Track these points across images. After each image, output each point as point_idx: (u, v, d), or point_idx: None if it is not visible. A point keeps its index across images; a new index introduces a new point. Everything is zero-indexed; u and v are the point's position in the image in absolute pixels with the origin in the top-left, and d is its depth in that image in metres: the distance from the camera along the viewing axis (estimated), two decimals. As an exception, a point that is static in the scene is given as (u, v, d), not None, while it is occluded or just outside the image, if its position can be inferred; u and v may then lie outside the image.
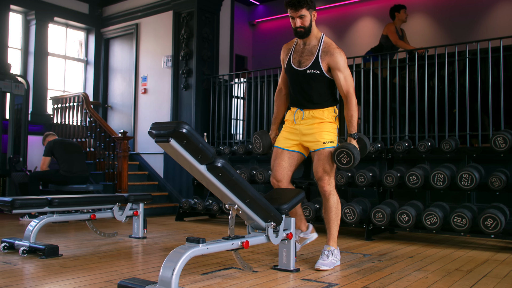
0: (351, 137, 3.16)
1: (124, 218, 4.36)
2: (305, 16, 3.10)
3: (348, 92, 3.16)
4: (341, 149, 3.06)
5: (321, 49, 3.16)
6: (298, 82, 3.24)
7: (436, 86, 5.16)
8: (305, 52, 3.22)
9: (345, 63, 3.16)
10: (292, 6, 3.09)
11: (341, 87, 3.16)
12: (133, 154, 7.76)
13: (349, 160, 3.03)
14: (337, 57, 3.12)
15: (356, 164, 3.06)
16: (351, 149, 3.02)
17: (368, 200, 4.87)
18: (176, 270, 2.31)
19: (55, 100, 7.91)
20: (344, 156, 3.05)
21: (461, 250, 3.98)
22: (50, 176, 5.88)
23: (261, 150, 3.44)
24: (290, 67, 3.26)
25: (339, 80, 3.14)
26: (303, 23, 3.13)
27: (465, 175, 4.13)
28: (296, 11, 3.10)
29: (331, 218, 3.22)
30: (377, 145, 5.01)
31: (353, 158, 3.02)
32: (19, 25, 7.79)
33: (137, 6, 7.97)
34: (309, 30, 3.16)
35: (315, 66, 3.16)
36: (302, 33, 3.16)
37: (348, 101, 3.16)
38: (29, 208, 3.74)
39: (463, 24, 8.24)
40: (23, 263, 3.30)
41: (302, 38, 3.20)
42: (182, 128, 2.25)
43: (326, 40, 3.20)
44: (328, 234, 3.25)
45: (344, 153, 3.05)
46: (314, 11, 3.15)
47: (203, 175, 2.48)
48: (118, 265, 3.24)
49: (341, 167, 3.08)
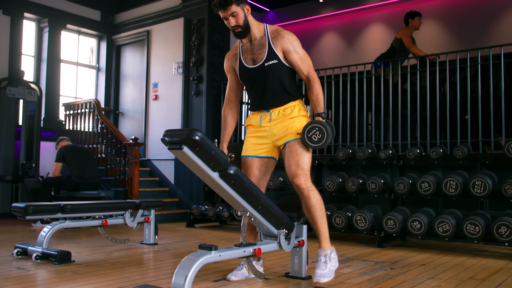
0: (319, 116, 2.88)
1: (135, 225, 4.38)
2: (237, 13, 2.87)
3: (308, 72, 2.94)
4: (312, 125, 2.80)
5: (270, 36, 2.94)
6: (257, 81, 2.97)
7: (447, 92, 5.14)
8: (255, 47, 2.96)
9: (298, 44, 2.94)
10: (220, 6, 2.86)
11: (300, 69, 2.94)
12: (144, 160, 7.79)
13: (322, 137, 2.77)
14: (289, 39, 2.92)
15: (328, 142, 2.80)
16: (323, 124, 2.78)
17: (380, 207, 4.85)
18: (188, 277, 2.31)
19: (67, 106, 7.98)
20: (316, 133, 2.78)
21: (475, 258, 3.94)
22: (62, 182, 5.92)
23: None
24: (244, 68, 2.98)
25: (296, 62, 2.92)
26: (237, 21, 2.89)
27: (478, 182, 4.10)
28: (225, 10, 2.86)
29: (317, 216, 2.91)
30: (388, 152, 4.99)
31: (325, 134, 2.76)
32: (33, 33, 7.88)
33: (148, 13, 8.04)
34: (248, 27, 2.92)
35: (271, 56, 2.91)
36: (241, 32, 2.92)
37: (311, 81, 2.94)
38: (42, 214, 3.76)
39: (475, 30, 8.20)
40: (36, 268, 3.32)
41: (244, 37, 2.96)
42: (195, 136, 2.26)
43: (271, 27, 2.99)
44: (319, 237, 2.96)
45: (316, 128, 2.79)
46: (245, 5, 2.91)
47: (216, 182, 2.49)
48: (130, 272, 3.25)
49: (311, 145, 2.80)
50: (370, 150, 5.09)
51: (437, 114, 5.12)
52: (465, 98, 5.12)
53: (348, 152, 5.20)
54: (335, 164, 5.50)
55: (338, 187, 4.95)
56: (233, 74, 3.10)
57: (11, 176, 6.70)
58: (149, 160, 7.83)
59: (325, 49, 10.16)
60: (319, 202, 2.90)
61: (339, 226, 4.69)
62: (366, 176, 4.96)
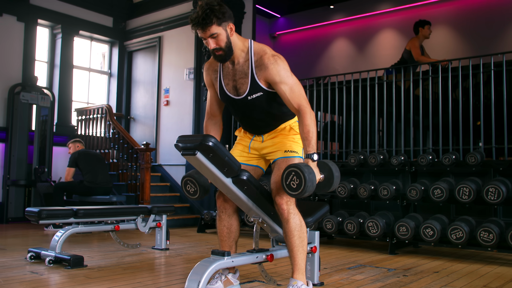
0: (308, 158, 2.43)
1: (147, 230, 4.39)
2: (218, 34, 2.45)
3: (299, 105, 2.49)
4: (290, 169, 2.34)
5: (254, 64, 2.53)
6: (242, 111, 2.66)
7: (460, 98, 5.11)
8: (237, 74, 2.57)
9: (286, 71, 2.50)
10: (198, 25, 2.43)
11: (289, 101, 2.50)
12: (155, 165, 7.82)
13: (300, 183, 2.29)
14: (274, 69, 2.48)
15: (309, 191, 2.30)
16: (301, 169, 2.30)
17: (391, 214, 4.82)
18: (201, 282, 2.32)
19: (79, 111, 8.05)
20: (293, 179, 2.32)
21: (489, 266, 3.90)
22: (74, 186, 5.97)
23: (197, 195, 2.62)
24: (226, 96, 2.63)
25: (284, 94, 2.49)
26: (218, 44, 2.47)
27: (492, 189, 4.06)
28: (204, 31, 2.44)
29: (294, 244, 2.54)
30: (400, 158, 4.97)
31: (303, 182, 2.28)
32: (46, 39, 7.97)
33: (160, 19, 8.10)
34: (230, 49, 2.51)
35: (255, 89, 2.53)
36: (223, 56, 2.51)
37: (302, 115, 2.48)
38: (55, 219, 3.79)
39: (487, 35, 8.16)
40: (49, 273, 3.34)
41: (225, 61, 2.56)
42: (208, 142, 2.27)
43: (256, 49, 2.56)
44: (292, 265, 2.58)
45: (293, 173, 2.32)
46: (229, 23, 2.48)
47: (229, 188, 2.49)
48: (142, 277, 3.26)
49: (291, 194, 2.34)
50: (381, 156, 5.07)
51: (450, 120, 5.09)
52: (478, 104, 5.08)
53: (360, 158, 5.19)
54: (347, 170, 5.49)
55: (350, 193, 4.94)
56: (213, 88, 2.74)
57: (24, 180, 6.77)
58: (160, 165, 7.86)
59: (336, 55, 10.16)
60: (298, 228, 2.55)
61: (351, 233, 4.67)
62: (378, 183, 4.94)
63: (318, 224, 4.87)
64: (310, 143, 2.44)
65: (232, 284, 2.80)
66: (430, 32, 6.28)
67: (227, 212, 2.76)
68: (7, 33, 7.16)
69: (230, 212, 2.77)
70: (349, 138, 6.09)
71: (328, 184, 2.48)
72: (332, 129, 6.33)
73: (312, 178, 2.30)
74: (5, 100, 7.00)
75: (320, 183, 2.47)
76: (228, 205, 2.75)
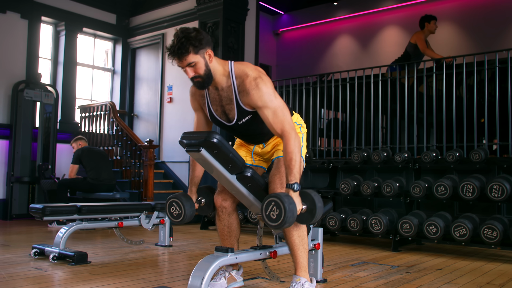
0: (289, 189, 2.34)
1: (150, 226, 4.40)
2: (196, 62, 2.37)
3: (282, 130, 2.39)
4: (269, 199, 2.28)
5: (237, 89, 2.45)
6: (237, 132, 2.67)
7: (464, 95, 5.09)
8: (223, 99, 2.51)
9: (268, 95, 2.39)
10: (174, 55, 2.36)
11: (272, 126, 2.40)
12: (158, 162, 7.83)
13: (279, 214, 2.22)
14: (255, 94, 2.38)
15: (289, 222, 2.23)
16: (282, 199, 2.23)
17: (395, 211, 4.81)
18: (205, 279, 2.32)
19: (83, 109, 8.06)
20: (273, 209, 2.25)
21: (492, 263, 3.89)
22: (78, 183, 5.98)
23: (180, 219, 2.56)
24: (217, 121, 2.59)
25: (267, 119, 2.40)
26: (196, 72, 2.39)
27: (496, 186, 4.05)
28: (181, 61, 2.37)
29: (294, 243, 2.54)
30: (404, 155, 4.96)
31: (283, 213, 2.21)
32: (50, 36, 7.98)
33: (164, 16, 8.09)
34: (210, 76, 2.42)
35: (243, 114, 2.49)
36: (201, 83, 2.43)
37: (285, 140, 2.38)
38: (59, 215, 3.81)
39: (492, 32, 8.13)
40: (53, 269, 3.36)
41: (204, 88, 2.48)
42: (213, 138, 2.27)
43: (237, 72, 2.45)
44: (294, 263, 2.58)
45: (272, 204, 2.25)
46: (207, 50, 2.40)
47: (233, 184, 2.49)
48: (145, 273, 3.27)
49: (271, 225, 2.28)
50: (385, 153, 5.06)
51: (454, 117, 5.07)
52: (482, 101, 5.07)
53: (363, 155, 5.18)
54: (350, 167, 5.48)
55: (353, 190, 4.93)
56: (201, 113, 2.68)
57: (28, 177, 6.79)
58: (163, 162, 7.87)
59: (340, 52, 10.14)
60: (296, 228, 2.53)
61: (354, 230, 4.67)
62: (381, 180, 4.93)
63: (321, 221, 4.87)
64: (292, 172, 2.36)
65: (235, 280, 2.83)
66: (436, 27, 6.24)
67: (226, 212, 2.77)
68: (11, 30, 7.17)
69: (230, 211, 2.78)
70: (352, 135, 6.08)
71: (311, 215, 2.37)
72: (336, 126, 6.32)
73: (293, 209, 2.23)
74: (9, 97, 7.01)
75: (302, 214, 2.39)
76: (227, 204, 2.76)
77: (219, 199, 2.76)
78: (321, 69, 9.76)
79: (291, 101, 6.39)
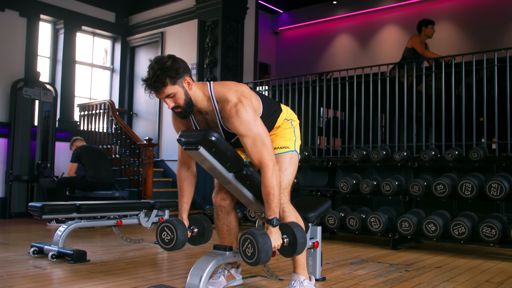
0: (268, 224, 2.30)
1: (149, 225, 4.40)
2: (175, 93, 2.28)
3: (260, 160, 2.31)
4: (245, 236, 2.23)
5: (220, 114, 2.38)
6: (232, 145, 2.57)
7: (463, 94, 5.09)
8: (210, 122, 2.45)
9: (248, 123, 2.29)
10: (151, 88, 2.30)
11: (250, 155, 2.33)
12: (157, 161, 7.83)
13: (253, 253, 2.18)
14: (235, 122, 2.30)
15: (263, 261, 2.19)
16: (256, 238, 2.18)
17: (394, 209, 4.82)
18: (203, 277, 2.32)
19: (82, 107, 8.06)
20: (248, 246, 2.21)
21: (491, 261, 3.90)
22: (77, 182, 5.98)
23: (171, 245, 2.42)
24: None
25: (246, 147, 2.33)
26: (176, 102, 2.31)
27: (494, 184, 4.05)
28: (158, 93, 2.30)
29: None
30: (403, 154, 4.96)
31: (256, 252, 2.17)
32: (48, 34, 7.97)
33: (163, 14, 8.09)
34: (190, 105, 2.34)
35: (230, 135, 2.46)
36: (183, 113, 2.35)
37: (263, 173, 2.31)
38: (58, 214, 3.80)
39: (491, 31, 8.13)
40: (52, 267, 3.35)
41: (186, 117, 2.40)
42: (211, 136, 2.27)
43: (217, 96, 2.36)
44: (293, 262, 2.61)
45: (248, 241, 2.21)
46: (185, 78, 2.31)
47: (231, 182, 2.49)
48: (144, 272, 3.27)
49: (246, 261, 2.24)
50: (384, 152, 5.06)
51: (453, 116, 5.07)
52: (481, 100, 5.07)
53: (362, 153, 5.18)
54: (349, 166, 5.48)
55: (352, 189, 4.94)
56: None
57: (27, 176, 6.79)
58: (162, 160, 7.87)
59: (339, 51, 10.14)
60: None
61: (353, 228, 4.68)
62: (380, 178, 4.93)
63: (320, 219, 4.87)
64: (270, 206, 2.29)
65: (234, 279, 2.83)
66: (433, 32, 6.27)
67: (225, 210, 2.78)
68: (10, 28, 7.16)
69: (228, 210, 2.78)
70: (351, 134, 6.08)
71: (292, 249, 2.35)
72: (335, 124, 6.32)
73: (267, 249, 2.18)
74: (8, 95, 7.00)
75: (283, 247, 2.37)
76: (226, 203, 2.76)
77: (218, 198, 2.77)
78: (320, 68, 9.76)
79: (290, 99, 6.39)
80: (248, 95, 2.39)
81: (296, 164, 2.63)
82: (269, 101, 2.64)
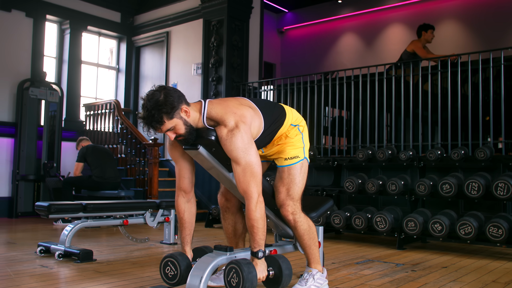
0: (253, 257, 2.34)
1: (155, 224, 4.41)
2: (175, 125, 2.28)
3: (245, 191, 2.30)
4: (231, 265, 2.28)
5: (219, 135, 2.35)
6: None
7: (469, 93, 5.07)
8: None
9: (241, 151, 2.27)
10: (149, 127, 2.32)
11: (237, 181, 2.33)
12: (163, 160, 7.85)
13: (238, 283, 2.21)
14: (229, 147, 2.28)
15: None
16: (241, 268, 2.21)
17: (400, 209, 4.80)
18: (203, 278, 2.30)
19: (88, 107, 8.09)
20: (233, 276, 2.25)
21: (497, 261, 3.88)
22: (83, 181, 6.00)
23: (175, 281, 2.40)
24: None
25: (235, 174, 2.33)
26: (177, 132, 2.31)
27: (501, 184, 4.04)
28: (157, 131, 2.32)
29: (306, 244, 2.62)
30: (409, 153, 4.95)
31: (241, 282, 2.20)
32: (54, 34, 8.00)
33: (168, 14, 8.10)
34: (192, 131, 2.34)
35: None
36: (186, 140, 2.35)
37: (247, 204, 2.30)
38: (64, 213, 3.82)
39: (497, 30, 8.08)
40: (58, 266, 3.37)
41: (190, 143, 2.38)
42: (210, 136, 2.27)
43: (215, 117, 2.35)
44: (307, 257, 2.69)
45: (233, 271, 2.25)
46: (181, 107, 2.30)
47: (231, 182, 2.49)
48: (150, 271, 3.28)
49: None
50: (390, 151, 5.05)
51: (459, 115, 5.05)
52: (487, 99, 5.04)
53: (368, 153, 5.17)
54: (355, 165, 5.47)
55: (358, 188, 4.93)
56: (183, 161, 2.51)
57: (33, 175, 6.82)
58: (168, 160, 7.88)
59: (344, 50, 10.12)
60: (307, 231, 2.60)
61: (359, 228, 4.67)
62: (386, 178, 4.92)
63: (326, 219, 4.87)
64: (254, 239, 2.30)
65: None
66: (432, 36, 6.27)
67: (230, 211, 2.79)
68: (16, 28, 7.20)
69: (234, 211, 2.79)
70: (357, 133, 6.08)
71: (277, 282, 2.37)
72: (340, 124, 6.31)
73: (252, 279, 2.21)
74: (14, 95, 7.04)
75: (268, 279, 2.40)
76: (231, 204, 2.77)
77: (222, 199, 2.78)
78: (326, 67, 9.75)
79: (296, 99, 6.39)
80: (248, 120, 2.34)
81: (306, 172, 2.63)
82: (272, 109, 2.57)
